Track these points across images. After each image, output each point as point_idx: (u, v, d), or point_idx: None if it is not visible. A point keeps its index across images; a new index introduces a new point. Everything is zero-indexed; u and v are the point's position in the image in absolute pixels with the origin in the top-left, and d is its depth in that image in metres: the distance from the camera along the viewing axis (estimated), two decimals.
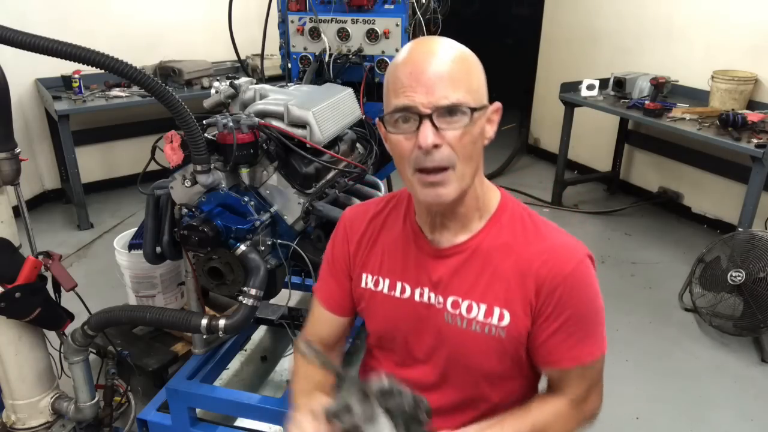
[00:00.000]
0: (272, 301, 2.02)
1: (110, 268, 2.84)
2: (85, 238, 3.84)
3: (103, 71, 1.27)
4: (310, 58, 2.61)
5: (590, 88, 4.05)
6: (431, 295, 1.06)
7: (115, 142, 4.55)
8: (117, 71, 1.25)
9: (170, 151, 1.56)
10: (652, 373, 2.65)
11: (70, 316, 1.77)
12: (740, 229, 2.97)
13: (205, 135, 1.55)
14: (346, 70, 2.57)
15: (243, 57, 2.85)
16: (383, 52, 2.53)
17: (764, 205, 3.34)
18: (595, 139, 4.79)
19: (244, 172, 1.67)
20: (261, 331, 2.58)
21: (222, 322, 1.58)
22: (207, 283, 1.64)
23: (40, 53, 1.20)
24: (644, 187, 4.52)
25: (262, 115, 1.75)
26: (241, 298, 1.55)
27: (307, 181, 1.71)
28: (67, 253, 3.57)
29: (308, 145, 1.71)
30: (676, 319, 3.06)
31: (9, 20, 1.32)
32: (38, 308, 1.64)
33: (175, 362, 2.41)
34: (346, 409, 0.82)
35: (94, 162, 4.50)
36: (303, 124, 1.72)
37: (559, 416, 1.07)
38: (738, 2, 3.60)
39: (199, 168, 1.54)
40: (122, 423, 2.09)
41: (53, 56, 1.21)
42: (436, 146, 0.90)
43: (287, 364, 2.41)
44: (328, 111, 1.82)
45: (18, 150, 1.61)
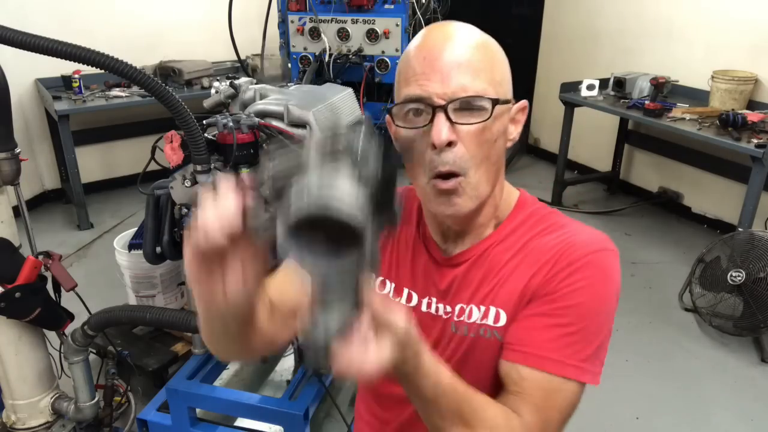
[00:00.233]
0: None
1: (110, 268, 2.84)
2: (85, 238, 3.84)
3: (103, 71, 1.27)
4: (310, 58, 2.61)
5: (590, 88, 4.04)
6: (439, 306, 0.96)
7: (115, 142, 4.55)
8: (117, 71, 1.25)
9: (170, 151, 1.56)
10: (652, 373, 2.65)
11: (70, 316, 1.77)
12: (740, 229, 2.97)
13: (205, 135, 1.55)
14: (346, 70, 2.57)
15: (243, 57, 2.85)
16: (383, 52, 2.53)
17: (764, 205, 3.34)
18: (595, 139, 4.79)
19: (245, 172, 1.67)
20: None
21: None
22: None
23: (40, 53, 1.20)
24: (644, 187, 4.52)
25: (262, 115, 1.75)
26: None
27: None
28: (67, 253, 3.57)
29: None
30: (676, 319, 3.06)
31: (9, 20, 1.32)
32: (38, 308, 1.64)
33: (175, 362, 2.41)
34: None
35: (94, 162, 4.50)
36: (303, 124, 1.72)
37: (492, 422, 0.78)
38: (738, 2, 3.61)
39: (199, 168, 1.54)
40: (122, 423, 2.09)
41: (53, 56, 1.21)
42: (450, 144, 0.78)
43: (287, 364, 2.41)
44: (328, 111, 1.82)
45: (18, 150, 1.61)
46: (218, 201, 0.59)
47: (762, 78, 3.51)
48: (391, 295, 1.00)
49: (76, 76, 3.86)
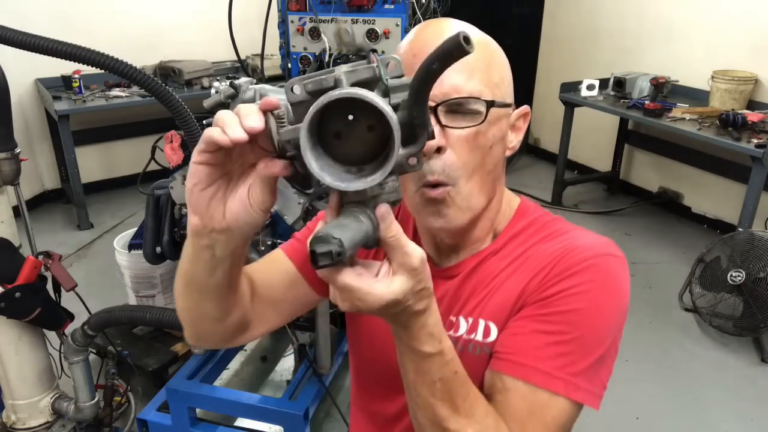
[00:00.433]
0: None
1: (110, 268, 2.84)
2: (85, 238, 3.84)
3: (103, 71, 1.27)
4: (310, 58, 2.61)
5: (590, 88, 4.05)
6: None
7: (115, 142, 4.55)
8: (117, 71, 1.25)
9: (170, 151, 1.56)
10: (652, 373, 2.65)
11: (70, 316, 1.77)
12: (740, 229, 2.97)
13: None
14: None
15: (243, 57, 2.85)
16: (383, 52, 2.53)
17: (764, 205, 3.34)
18: (595, 139, 4.79)
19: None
20: None
21: None
22: None
23: (40, 53, 1.20)
24: (644, 187, 4.52)
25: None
26: None
27: (307, 181, 1.71)
28: (67, 253, 3.57)
29: None
30: (676, 319, 3.06)
31: (9, 20, 1.32)
32: (38, 308, 1.64)
33: (175, 362, 2.41)
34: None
35: (94, 162, 4.50)
36: None
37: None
38: (738, 2, 3.61)
39: None
40: (122, 423, 2.09)
41: (53, 56, 1.21)
42: (439, 150, 0.72)
43: (287, 364, 2.41)
44: None
45: (18, 150, 1.61)
46: (241, 108, 0.56)
47: (762, 78, 3.51)
48: None
49: (76, 76, 3.86)
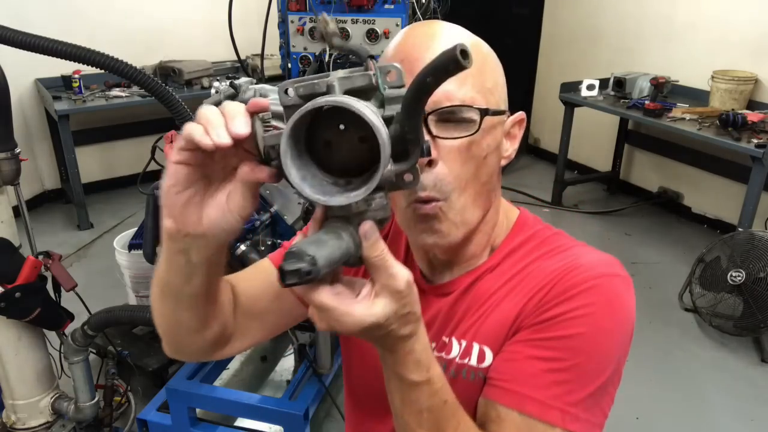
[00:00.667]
0: None
1: (110, 268, 2.84)
2: (85, 238, 3.84)
3: (103, 71, 1.27)
4: (310, 58, 2.61)
5: (590, 88, 4.05)
6: None
7: (115, 142, 4.55)
8: (117, 71, 1.25)
9: (170, 151, 1.56)
10: (652, 373, 2.65)
11: (70, 316, 1.77)
12: (740, 229, 2.97)
13: None
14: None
15: (243, 57, 2.85)
16: (383, 52, 2.53)
17: (764, 205, 3.34)
18: (595, 139, 4.79)
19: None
20: None
21: None
22: None
23: (40, 53, 1.20)
24: (644, 187, 4.52)
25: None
26: None
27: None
28: (67, 253, 3.57)
29: None
30: (676, 319, 3.06)
31: (9, 20, 1.32)
32: (38, 308, 1.64)
33: (175, 362, 2.41)
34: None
35: (94, 162, 4.50)
36: None
37: None
38: (738, 2, 3.61)
39: None
40: (122, 423, 2.09)
41: (53, 56, 1.21)
42: (429, 163, 0.67)
43: (287, 364, 2.41)
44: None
45: (18, 150, 1.61)
46: (227, 107, 0.52)
47: (762, 78, 3.51)
48: None
49: (76, 76, 3.86)
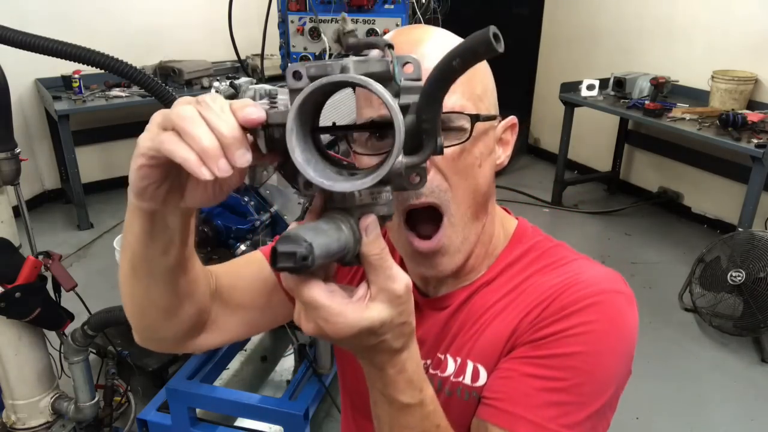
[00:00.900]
0: None
1: (110, 268, 2.84)
2: (85, 238, 3.84)
3: (103, 71, 1.27)
4: (310, 58, 2.61)
5: (590, 88, 4.05)
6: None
7: (115, 142, 4.55)
8: (117, 71, 1.25)
9: None
10: (652, 373, 2.65)
11: (70, 316, 1.77)
12: (740, 229, 2.97)
13: None
14: None
15: (243, 57, 2.85)
16: None
17: (764, 205, 3.34)
18: (595, 139, 4.79)
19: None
20: None
21: None
22: None
23: (40, 53, 1.19)
24: (644, 187, 4.52)
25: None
26: None
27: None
28: (67, 253, 3.57)
29: None
30: (676, 319, 3.06)
31: (9, 20, 1.31)
32: (38, 308, 1.64)
33: (175, 362, 2.41)
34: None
35: (94, 162, 4.50)
36: None
37: None
38: (738, 2, 3.61)
39: None
40: (122, 423, 2.09)
41: (53, 56, 1.20)
42: None
43: (287, 364, 2.41)
44: (328, 111, 1.82)
45: (18, 150, 1.61)
46: (220, 124, 0.49)
47: (762, 78, 3.51)
48: None
49: (76, 76, 3.86)
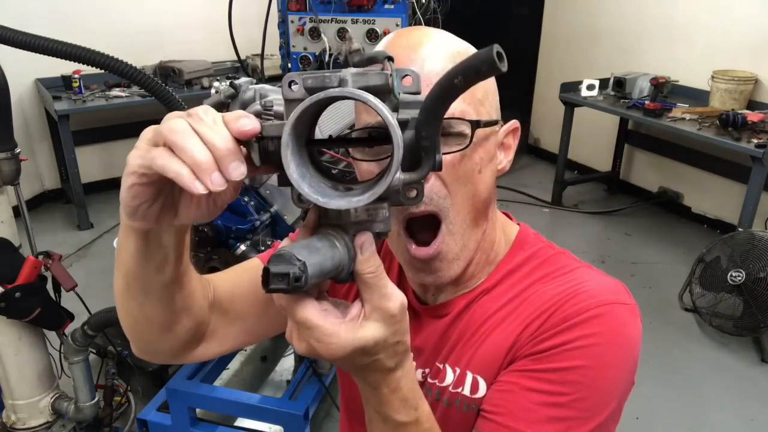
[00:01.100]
0: None
1: (110, 268, 2.81)
2: (85, 238, 3.84)
3: (103, 71, 1.27)
4: (310, 58, 2.61)
5: (590, 88, 4.04)
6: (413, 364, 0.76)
7: (115, 142, 4.55)
8: (117, 71, 1.25)
9: None
10: (652, 374, 2.65)
11: (70, 316, 1.77)
12: (740, 229, 2.97)
13: None
14: None
15: (243, 57, 2.85)
16: None
17: (764, 205, 3.33)
18: (595, 139, 4.79)
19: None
20: None
21: None
22: None
23: (40, 53, 1.19)
24: (644, 187, 4.52)
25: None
26: None
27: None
28: (67, 253, 3.57)
29: None
30: (676, 319, 3.06)
31: (9, 20, 1.32)
32: (38, 308, 1.64)
33: None
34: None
35: (94, 162, 4.49)
36: None
37: None
38: (738, 2, 3.60)
39: None
40: (122, 423, 2.09)
41: (53, 56, 1.20)
42: None
43: (287, 364, 2.41)
44: (328, 111, 1.82)
45: (18, 150, 1.61)
46: (214, 137, 0.47)
47: (762, 78, 3.51)
48: None
49: (76, 76, 3.86)
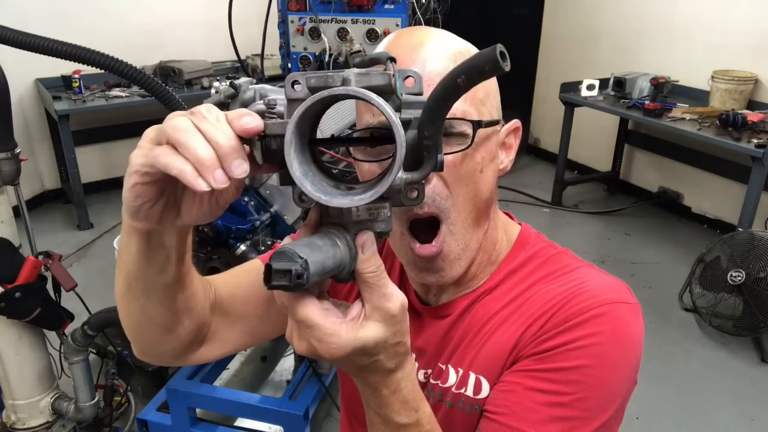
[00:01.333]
0: None
1: (110, 268, 2.82)
2: (85, 238, 3.84)
3: (103, 71, 1.27)
4: (310, 58, 2.61)
5: (590, 88, 4.04)
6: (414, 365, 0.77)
7: (115, 142, 4.55)
8: (117, 71, 1.25)
9: None
10: (652, 374, 2.65)
11: (70, 316, 1.77)
12: (740, 229, 2.97)
13: None
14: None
15: (243, 57, 2.85)
16: None
17: (764, 205, 3.33)
18: (595, 139, 4.79)
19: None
20: None
21: None
22: None
23: (40, 53, 1.19)
24: (644, 187, 4.52)
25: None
26: None
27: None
28: (67, 253, 3.57)
29: None
30: (676, 319, 3.06)
31: (9, 20, 1.31)
32: (38, 308, 1.64)
33: None
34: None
35: (94, 162, 4.49)
36: None
37: None
38: (738, 2, 3.61)
39: None
40: (122, 423, 2.09)
41: (53, 56, 1.20)
42: None
43: (287, 364, 2.41)
44: (328, 111, 1.82)
45: (18, 150, 1.61)
46: (217, 135, 0.47)
47: (762, 78, 3.51)
48: None
49: (76, 76, 3.86)
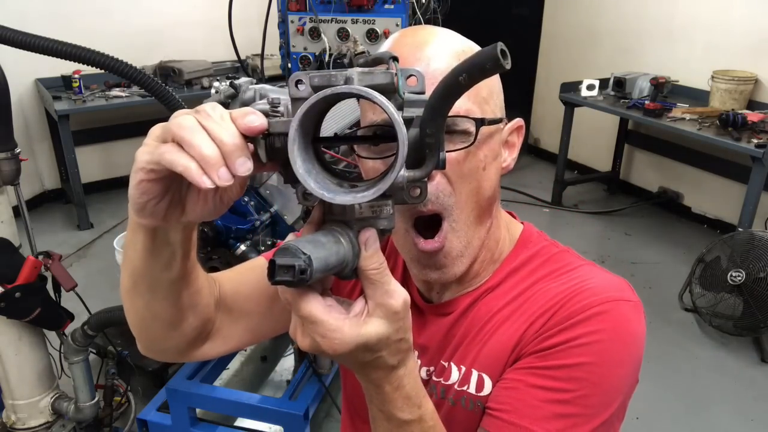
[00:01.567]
0: None
1: (110, 268, 2.84)
2: (85, 238, 3.84)
3: (103, 71, 1.27)
4: (310, 58, 2.61)
5: (590, 88, 4.04)
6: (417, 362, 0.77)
7: (115, 142, 4.55)
8: (117, 71, 1.25)
9: None
10: (652, 373, 2.65)
11: (70, 316, 1.77)
12: (740, 229, 2.97)
13: None
14: None
15: (243, 57, 2.85)
16: None
17: (764, 205, 3.33)
18: (595, 139, 4.79)
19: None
20: None
21: None
22: None
23: (40, 53, 1.19)
24: (644, 187, 4.52)
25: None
26: None
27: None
28: (67, 253, 3.57)
29: None
30: (676, 319, 3.06)
31: (9, 20, 1.31)
32: (38, 308, 1.64)
33: (175, 362, 2.41)
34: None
35: (94, 162, 4.50)
36: None
37: None
38: (738, 2, 3.61)
39: None
40: (122, 423, 2.09)
41: (53, 56, 1.20)
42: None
43: (287, 364, 2.41)
44: (330, 111, 1.82)
45: (18, 150, 1.61)
46: (221, 132, 0.48)
47: (762, 78, 3.51)
48: None
49: (76, 76, 3.86)
